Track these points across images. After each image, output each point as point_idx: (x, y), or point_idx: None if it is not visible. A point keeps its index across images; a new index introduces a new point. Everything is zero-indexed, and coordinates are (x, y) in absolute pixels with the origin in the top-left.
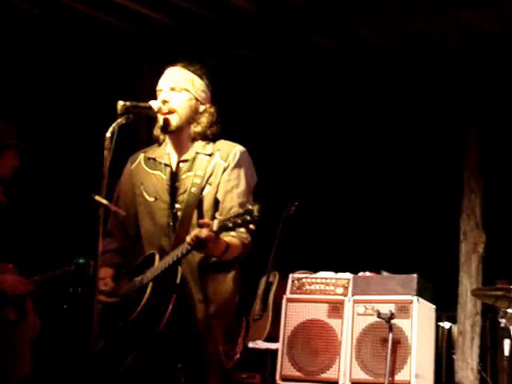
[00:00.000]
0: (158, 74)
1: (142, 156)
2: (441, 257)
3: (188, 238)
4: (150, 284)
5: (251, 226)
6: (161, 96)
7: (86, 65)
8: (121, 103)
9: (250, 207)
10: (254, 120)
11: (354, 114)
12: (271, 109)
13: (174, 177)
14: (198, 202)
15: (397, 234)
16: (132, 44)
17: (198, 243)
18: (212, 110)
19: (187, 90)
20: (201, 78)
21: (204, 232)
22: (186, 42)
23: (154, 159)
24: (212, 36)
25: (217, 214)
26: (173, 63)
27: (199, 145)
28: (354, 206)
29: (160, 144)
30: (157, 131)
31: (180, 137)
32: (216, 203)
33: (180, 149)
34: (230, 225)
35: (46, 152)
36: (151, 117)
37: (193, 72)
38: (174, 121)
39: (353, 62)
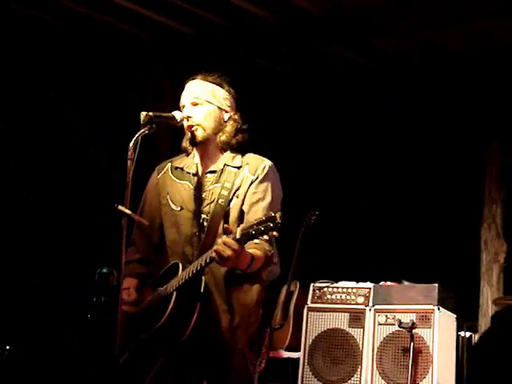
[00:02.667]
0: (176, 82)
1: (169, 165)
2: (462, 266)
3: (213, 253)
4: (175, 293)
5: (274, 233)
6: (184, 112)
7: (104, 74)
8: (143, 113)
9: (273, 214)
10: (271, 129)
11: (376, 123)
12: (286, 117)
13: (201, 187)
14: (225, 213)
15: (418, 243)
16: (151, 53)
17: (221, 256)
18: (236, 116)
19: (209, 102)
20: (221, 86)
21: (225, 239)
22: (204, 51)
23: (182, 169)
24: (229, 45)
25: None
26: (192, 76)
27: (228, 156)
28: (376, 216)
29: (188, 154)
30: (186, 143)
31: (207, 147)
32: (242, 215)
33: (208, 159)
34: (253, 232)
35: (68, 163)
36: (173, 127)
37: (212, 82)
38: (200, 133)
39: (368, 72)
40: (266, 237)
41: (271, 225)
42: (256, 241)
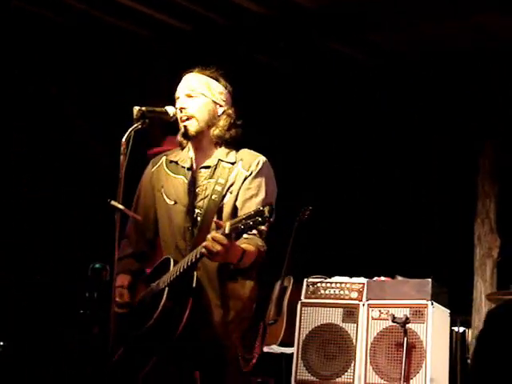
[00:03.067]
0: (176, 80)
1: (163, 159)
2: (455, 261)
3: (203, 249)
4: (166, 289)
5: (263, 227)
6: (178, 103)
7: (104, 71)
8: (136, 108)
9: (261, 208)
10: (268, 124)
11: (372, 118)
12: (283, 112)
13: (195, 181)
14: (218, 209)
15: (411, 238)
16: (151, 51)
17: (210, 252)
18: (230, 111)
19: (204, 95)
20: (217, 80)
21: (214, 234)
22: (203, 48)
23: (176, 162)
24: (228, 42)
25: None
26: (188, 70)
27: (222, 152)
28: (370, 211)
29: (183, 148)
30: (180, 138)
31: (201, 141)
32: (235, 211)
33: (202, 153)
34: (242, 227)
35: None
36: (166, 122)
37: (208, 76)
38: (193, 126)
39: (365, 68)
40: (256, 231)
41: (259, 219)
42: (249, 236)
